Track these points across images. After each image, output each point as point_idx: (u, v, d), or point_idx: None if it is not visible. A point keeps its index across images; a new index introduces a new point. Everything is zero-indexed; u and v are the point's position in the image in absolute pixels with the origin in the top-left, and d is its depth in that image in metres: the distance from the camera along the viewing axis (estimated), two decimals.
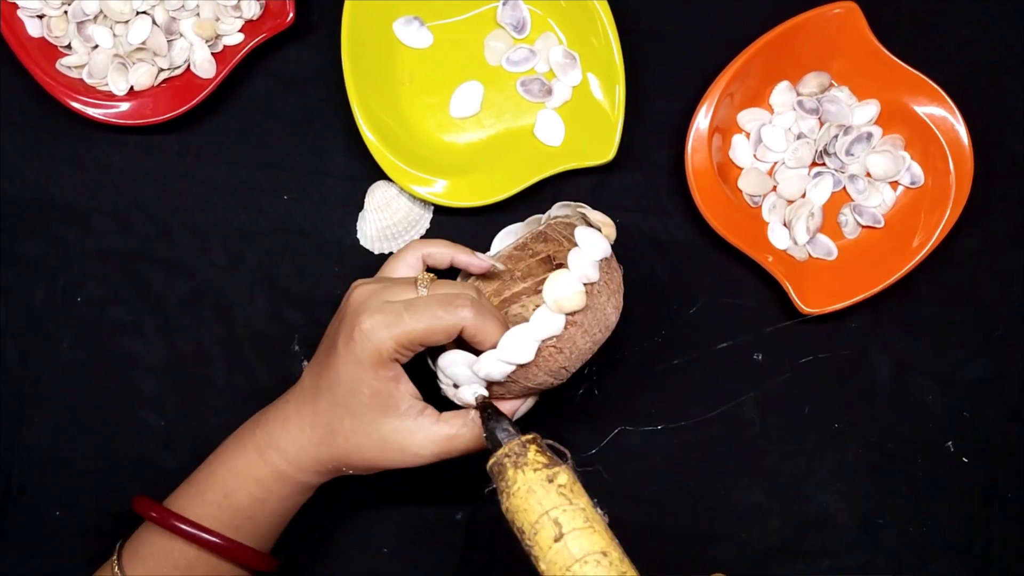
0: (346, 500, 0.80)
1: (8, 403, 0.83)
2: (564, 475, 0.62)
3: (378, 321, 0.66)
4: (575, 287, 0.67)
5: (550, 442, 0.64)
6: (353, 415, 0.68)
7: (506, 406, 0.71)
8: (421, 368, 0.72)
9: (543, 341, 0.67)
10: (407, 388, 0.68)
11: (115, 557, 0.71)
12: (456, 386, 0.70)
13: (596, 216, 0.72)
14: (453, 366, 0.70)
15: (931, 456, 0.83)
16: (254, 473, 0.70)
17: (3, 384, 0.83)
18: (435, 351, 0.71)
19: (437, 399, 0.71)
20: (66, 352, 0.83)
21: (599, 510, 0.63)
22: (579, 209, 0.73)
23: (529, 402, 0.72)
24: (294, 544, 0.76)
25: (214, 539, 0.69)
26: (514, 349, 0.67)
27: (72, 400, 0.83)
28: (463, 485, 0.82)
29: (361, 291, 0.70)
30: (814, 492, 0.83)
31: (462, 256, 0.74)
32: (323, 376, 0.69)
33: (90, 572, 0.73)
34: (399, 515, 0.82)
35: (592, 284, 0.68)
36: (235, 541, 0.70)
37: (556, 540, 0.60)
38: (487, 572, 0.82)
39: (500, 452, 0.63)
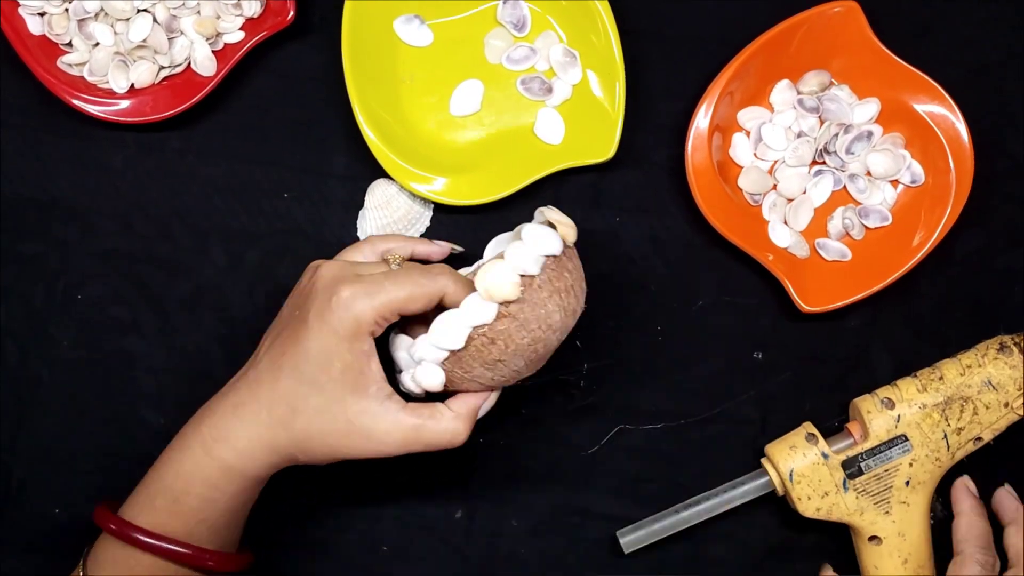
0: (346, 498, 0.80)
1: (8, 403, 0.82)
2: (1015, 358, 0.78)
3: (358, 290, 0.66)
4: (508, 277, 0.66)
5: None
6: (320, 391, 0.67)
7: (471, 399, 0.70)
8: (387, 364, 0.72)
9: (474, 328, 0.67)
10: (377, 368, 0.68)
11: (80, 563, 0.70)
12: (400, 371, 0.70)
13: (553, 215, 0.71)
14: (398, 350, 0.70)
15: None
16: (201, 473, 0.68)
17: (3, 384, 0.83)
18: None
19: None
20: (66, 352, 0.83)
21: None
22: (542, 209, 0.73)
23: (492, 399, 0.72)
24: (294, 542, 0.76)
25: (174, 548, 0.67)
26: (443, 334, 0.67)
27: (72, 400, 0.83)
28: (463, 483, 0.82)
29: (330, 267, 0.70)
30: None
31: (421, 247, 0.74)
32: (287, 353, 0.68)
33: None
34: (399, 513, 0.82)
35: (531, 277, 0.67)
36: (195, 547, 0.68)
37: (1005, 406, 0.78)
38: (487, 571, 0.82)
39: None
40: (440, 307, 0.69)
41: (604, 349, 0.82)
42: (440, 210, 0.84)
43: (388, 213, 0.83)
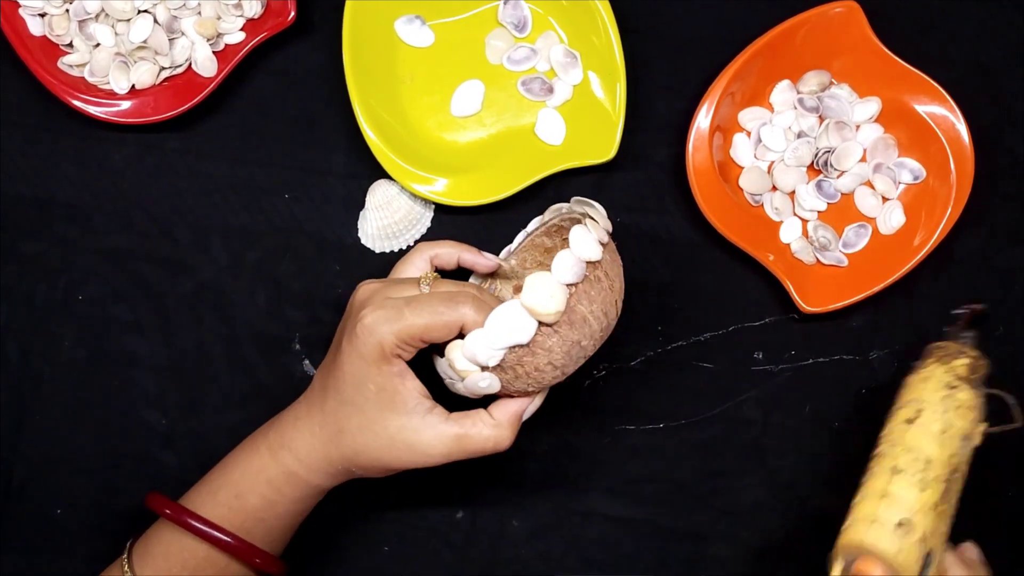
0: (347, 498, 0.80)
1: (9, 402, 0.82)
2: (965, 394, 0.69)
3: (379, 316, 0.67)
4: (556, 292, 0.66)
5: (996, 392, 0.71)
6: (360, 412, 0.68)
7: (513, 405, 0.70)
8: (432, 371, 0.72)
9: (509, 349, 0.67)
10: (414, 385, 0.68)
11: (125, 556, 0.71)
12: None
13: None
14: (436, 360, 0.71)
15: None
16: (266, 474, 0.70)
17: (4, 383, 0.83)
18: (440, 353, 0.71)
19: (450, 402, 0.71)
20: (67, 351, 0.83)
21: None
22: (584, 208, 0.72)
23: (537, 400, 0.72)
24: (295, 542, 0.76)
25: (225, 538, 0.69)
26: (476, 352, 0.67)
27: (73, 399, 0.83)
28: (464, 484, 0.82)
29: (364, 290, 0.70)
30: (814, 491, 0.83)
31: (468, 256, 0.74)
32: (330, 375, 0.69)
33: (91, 571, 0.73)
34: (400, 513, 0.82)
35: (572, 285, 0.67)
36: (246, 541, 0.70)
37: (908, 422, 0.70)
38: (488, 571, 0.82)
39: (939, 344, 0.73)
40: None
41: (605, 349, 0.82)
42: (441, 211, 0.84)
43: (389, 214, 0.83)
